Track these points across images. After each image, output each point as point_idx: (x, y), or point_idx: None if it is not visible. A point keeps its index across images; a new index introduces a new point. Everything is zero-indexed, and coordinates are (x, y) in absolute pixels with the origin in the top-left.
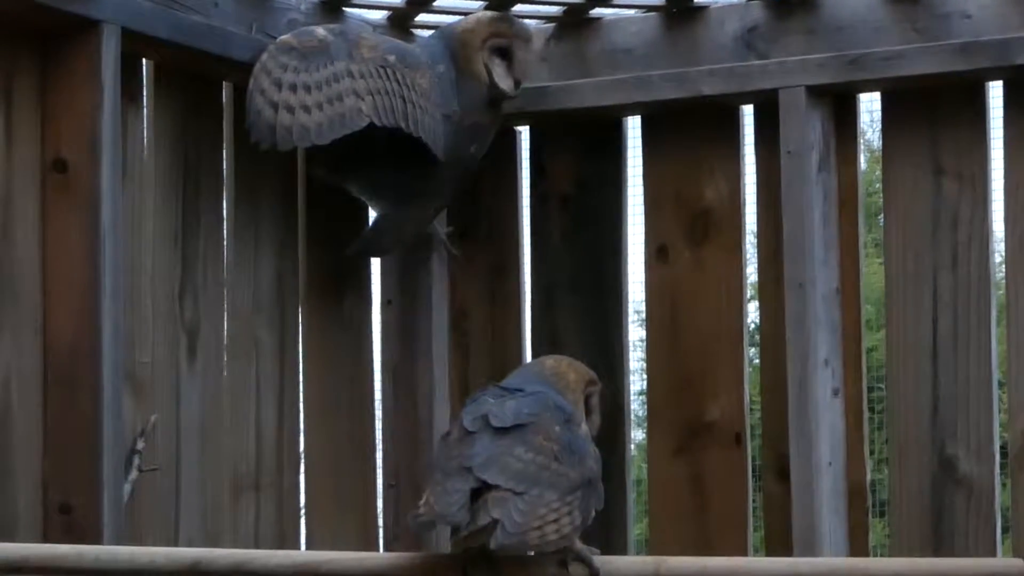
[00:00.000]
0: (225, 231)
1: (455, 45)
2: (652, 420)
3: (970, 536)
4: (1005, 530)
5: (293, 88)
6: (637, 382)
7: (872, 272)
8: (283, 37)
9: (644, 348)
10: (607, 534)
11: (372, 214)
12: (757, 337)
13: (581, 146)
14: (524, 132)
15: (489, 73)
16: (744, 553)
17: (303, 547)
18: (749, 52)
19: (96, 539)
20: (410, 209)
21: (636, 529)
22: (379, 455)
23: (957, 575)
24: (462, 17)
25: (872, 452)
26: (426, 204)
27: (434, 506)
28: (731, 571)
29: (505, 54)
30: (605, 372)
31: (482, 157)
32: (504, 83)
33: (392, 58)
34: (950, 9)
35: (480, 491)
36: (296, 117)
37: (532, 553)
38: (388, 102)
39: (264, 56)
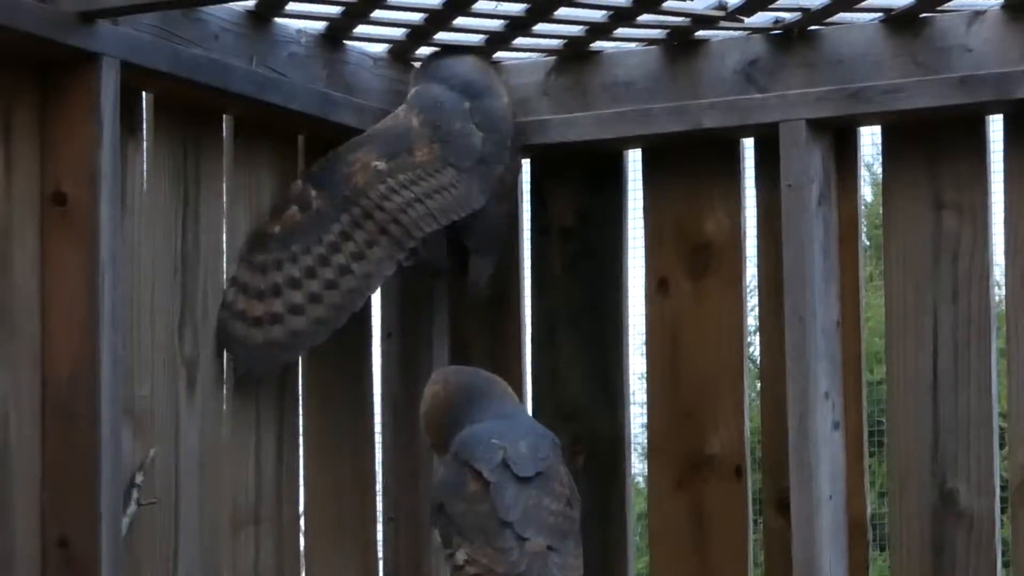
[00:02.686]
0: (224, 264)
1: (467, 77)
2: (652, 454)
3: (970, 570)
4: (1005, 564)
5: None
6: (642, 415)
7: (880, 305)
8: (255, 230)
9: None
10: (608, 569)
11: None
12: (758, 370)
13: (582, 179)
14: (525, 165)
15: None
16: None
17: None
18: (749, 85)
19: (94, 573)
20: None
21: (639, 564)
22: (379, 488)
23: None
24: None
25: (874, 485)
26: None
27: (496, 568)
28: None
29: None
30: (606, 405)
31: None
32: None
33: (383, 166)
34: (951, 43)
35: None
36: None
37: None
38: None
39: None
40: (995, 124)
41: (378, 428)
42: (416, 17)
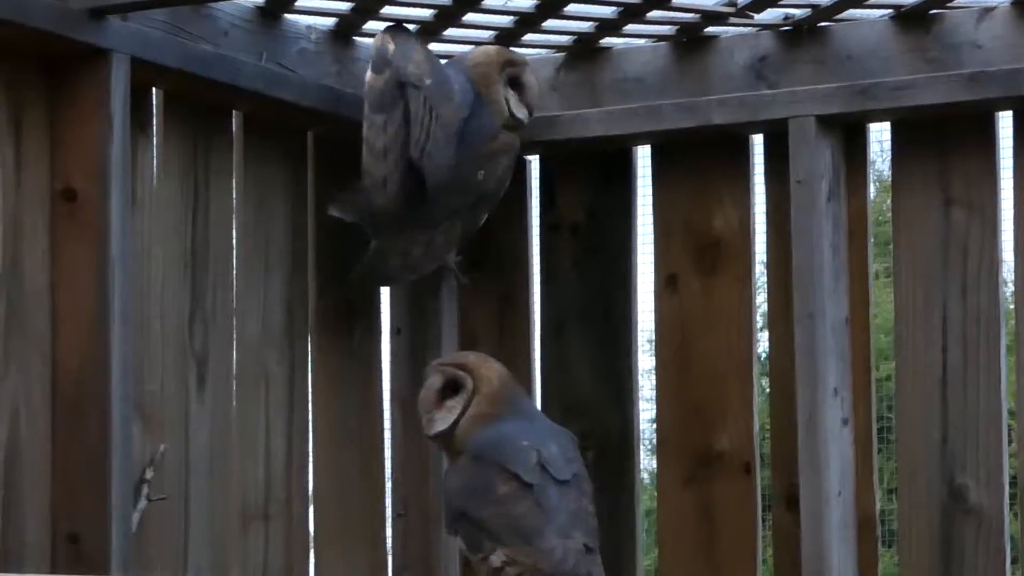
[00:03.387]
0: (234, 260)
1: (473, 76)
2: (661, 450)
3: (979, 567)
4: (1014, 561)
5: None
6: (650, 409)
7: (886, 301)
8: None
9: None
10: (617, 565)
11: None
12: (767, 366)
13: (591, 175)
14: (534, 161)
15: (507, 103)
16: None
17: None
18: (759, 82)
19: (104, 569)
20: (406, 236)
21: (646, 560)
22: (388, 484)
23: None
24: (471, 49)
25: (882, 482)
26: (423, 231)
27: (541, 566)
28: None
29: (515, 84)
30: (615, 401)
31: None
32: (520, 112)
33: (428, 81)
34: (960, 39)
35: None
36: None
37: None
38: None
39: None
40: (1004, 120)
41: (387, 424)
42: (426, 13)
